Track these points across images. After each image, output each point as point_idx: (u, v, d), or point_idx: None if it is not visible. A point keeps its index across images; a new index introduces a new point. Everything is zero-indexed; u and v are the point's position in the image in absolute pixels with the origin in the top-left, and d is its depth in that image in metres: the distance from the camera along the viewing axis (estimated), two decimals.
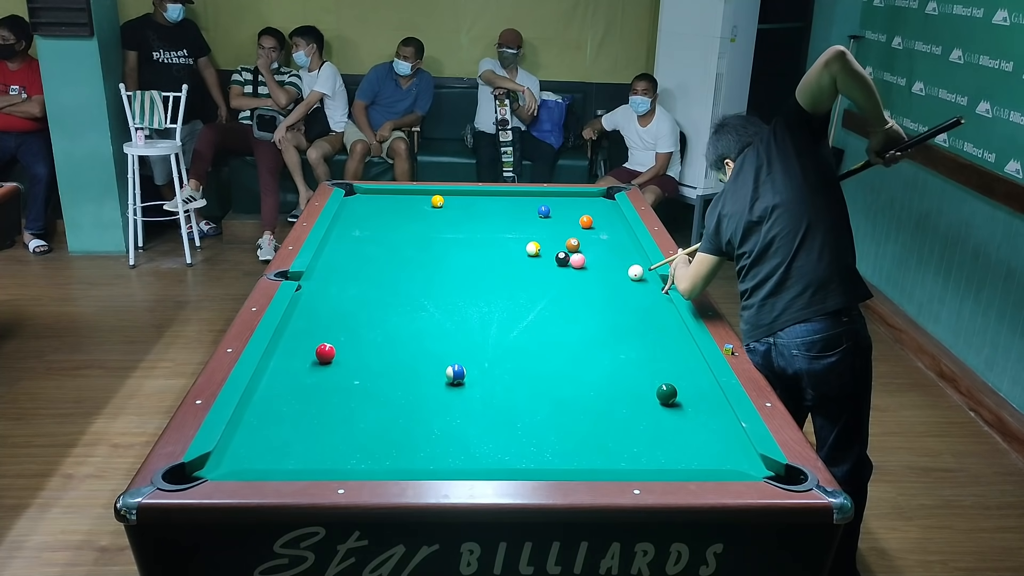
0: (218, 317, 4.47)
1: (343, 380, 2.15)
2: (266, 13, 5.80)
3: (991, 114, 3.75)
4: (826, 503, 1.65)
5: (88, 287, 4.89)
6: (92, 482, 3.11)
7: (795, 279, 2.32)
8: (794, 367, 2.34)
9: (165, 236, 5.55)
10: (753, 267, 2.40)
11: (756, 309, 2.39)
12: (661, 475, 1.76)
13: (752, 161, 2.42)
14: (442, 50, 5.99)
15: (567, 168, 5.75)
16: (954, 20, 4.06)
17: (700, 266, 2.55)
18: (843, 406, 2.39)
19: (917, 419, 3.76)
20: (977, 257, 3.86)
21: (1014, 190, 3.57)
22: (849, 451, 2.42)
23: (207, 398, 1.96)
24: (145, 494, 1.60)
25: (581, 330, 2.50)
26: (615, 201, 3.76)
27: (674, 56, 5.48)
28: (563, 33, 6.04)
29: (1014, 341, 3.59)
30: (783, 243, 2.33)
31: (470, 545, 1.64)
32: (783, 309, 2.33)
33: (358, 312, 2.56)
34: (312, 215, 3.35)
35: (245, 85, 5.58)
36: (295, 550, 1.61)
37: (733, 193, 2.45)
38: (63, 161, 5.14)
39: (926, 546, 2.91)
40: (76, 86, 5.00)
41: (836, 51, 2.17)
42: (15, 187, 4.10)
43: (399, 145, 5.54)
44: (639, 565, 1.66)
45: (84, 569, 2.68)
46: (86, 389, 3.74)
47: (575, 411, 2.05)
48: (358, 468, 1.79)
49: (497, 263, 3.03)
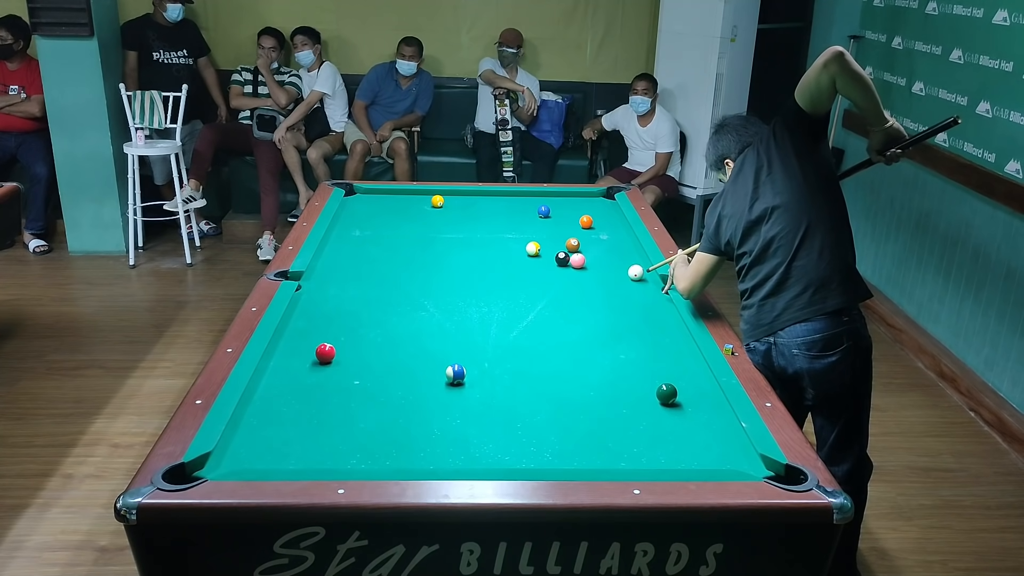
0: (218, 317, 4.47)
1: (343, 380, 2.15)
2: (266, 13, 5.80)
3: (991, 114, 3.75)
4: (826, 503, 1.65)
5: (88, 287, 4.89)
6: (92, 482, 3.11)
7: (795, 279, 2.32)
8: (794, 366, 2.34)
9: (165, 236, 5.55)
10: (753, 267, 2.40)
11: (756, 309, 2.39)
12: (661, 475, 1.76)
13: (752, 161, 2.42)
14: (442, 50, 5.99)
15: (567, 168, 5.75)
16: (954, 20, 4.06)
17: (699, 266, 2.55)
18: (843, 406, 2.39)
19: (917, 419, 3.76)
20: (977, 257, 3.86)
21: (1014, 190, 3.57)
22: (849, 451, 2.42)
23: (207, 398, 1.96)
24: (145, 494, 1.60)
25: (581, 330, 2.50)
26: (615, 201, 3.76)
27: (674, 56, 5.48)
28: (563, 33, 6.04)
29: (1014, 341, 3.59)
30: (783, 243, 2.33)
31: (470, 545, 1.64)
32: (783, 309, 2.33)
33: (358, 312, 2.56)
34: (312, 215, 3.35)
35: (245, 85, 5.58)
36: (295, 550, 1.61)
37: (733, 193, 2.45)
38: (63, 161, 5.14)
39: (926, 546, 2.91)
40: (76, 86, 5.00)
41: (834, 51, 2.17)
42: (15, 187, 4.10)
43: (399, 145, 5.54)
44: (639, 565, 1.66)
45: (84, 569, 2.68)
46: (86, 389, 3.74)
47: (575, 411, 2.05)
48: (358, 468, 1.79)
49: (497, 263, 3.03)
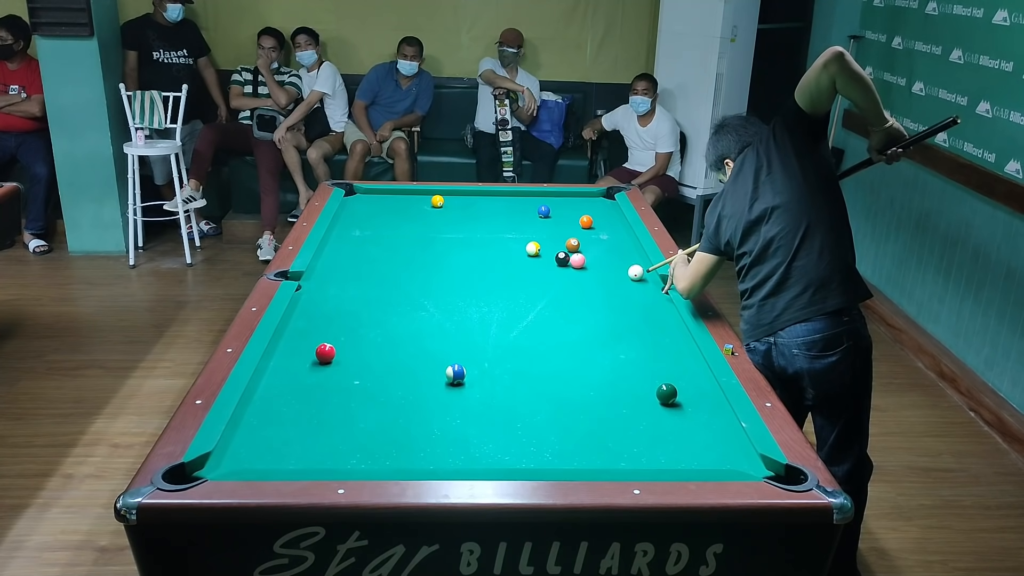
0: (218, 317, 4.47)
1: (343, 380, 2.15)
2: (266, 13, 5.80)
3: (991, 114, 3.74)
4: (826, 503, 1.65)
5: (88, 287, 4.89)
6: (92, 482, 3.11)
7: (795, 279, 2.32)
8: (794, 366, 2.34)
9: (165, 236, 5.55)
10: (753, 267, 2.40)
11: (756, 309, 2.39)
12: (661, 475, 1.76)
13: (752, 161, 2.42)
14: (442, 50, 5.99)
15: (567, 168, 5.74)
16: (954, 20, 4.06)
17: (699, 265, 2.55)
18: (843, 406, 2.39)
19: (917, 419, 3.76)
20: (977, 257, 3.86)
21: (1014, 190, 3.57)
22: (849, 451, 2.42)
23: (207, 398, 1.96)
24: (145, 494, 1.60)
25: (581, 330, 2.50)
26: (615, 201, 3.76)
27: (674, 56, 5.48)
28: (563, 33, 6.04)
29: (1014, 341, 3.59)
30: (783, 243, 2.33)
31: (470, 545, 1.64)
32: (783, 309, 2.33)
33: (358, 312, 2.56)
34: (312, 215, 3.35)
35: (245, 85, 5.58)
36: (295, 550, 1.61)
37: (733, 193, 2.45)
38: (63, 161, 5.14)
39: (926, 546, 2.91)
40: (76, 86, 5.00)
41: (834, 52, 2.17)
42: (15, 187, 4.10)
43: (399, 145, 5.54)
44: (639, 565, 1.66)
45: (84, 569, 2.68)
46: (86, 389, 3.74)
47: (575, 411, 2.05)
48: (358, 468, 1.79)
49: (497, 263, 3.03)
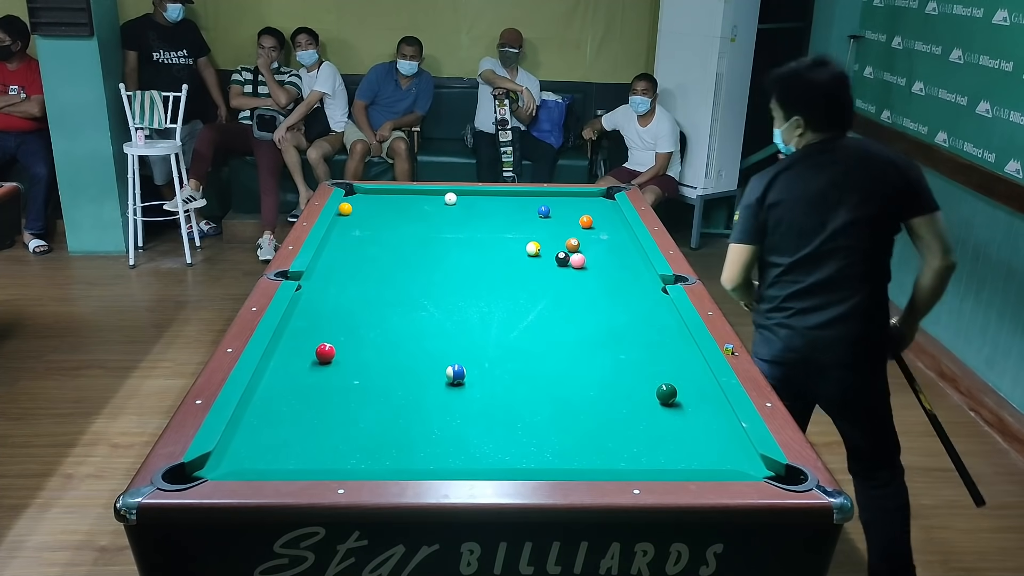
0: (218, 317, 4.47)
1: (343, 380, 2.15)
2: (266, 13, 5.80)
3: (991, 114, 3.74)
4: (826, 503, 1.65)
5: (88, 287, 4.89)
6: (92, 482, 3.11)
7: (822, 307, 2.32)
8: (808, 380, 2.36)
9: (165, 236, 5.55)
10: (791, 273, 2.32)
11: (782, 315, 2.36)
12: (661, 475, 1.76)
13: (831, 159, 2.26)
14: (442, 50, 5.99)
15: (567, 168, 5.75)
16: (954, 20, 4.06)
17: (739, 253, 2.39)
18: (864, 416, 2.44)
19: (917, 419, 3.73)
20: (977, 257, 3.86)
21: (1014, 190, 3.57)
22: (888, 455, 2.51)
23: (207, 398, 1.96)
24: (145, 494, 1.60)
25: (581, 330, 2.50)
26: (615, 201, 3.76)
27: (674, 56, 5.48)
28: (563, 33, 6.04)
29: (1014, 341, 3.59)
30: (833, 267, 2.30)
31: (470, 545, 1.63)
32: (806, 325, 2.33)
33: (358, 312, 2.56)
34: (312, 215, 3.35)
35: (245, 85, 5.58)
36: (295, 550, 1.61)
37: (798, 176, 2.26)
38: (63, 161, 5.14)
39: (926, 546, 2.90)
40: (76, 86, 5.00)
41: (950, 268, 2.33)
42: (15, 187, 4.10)
43: (399, 145, 5.54)
44: (639, 565, 1.66)
45: (84, 569, 2.68)
46: (86, 389, 3.74)
47: (575, 411, 2.05)
48: (358, 468, 1.78)
49: (497, 263, 3.03)
